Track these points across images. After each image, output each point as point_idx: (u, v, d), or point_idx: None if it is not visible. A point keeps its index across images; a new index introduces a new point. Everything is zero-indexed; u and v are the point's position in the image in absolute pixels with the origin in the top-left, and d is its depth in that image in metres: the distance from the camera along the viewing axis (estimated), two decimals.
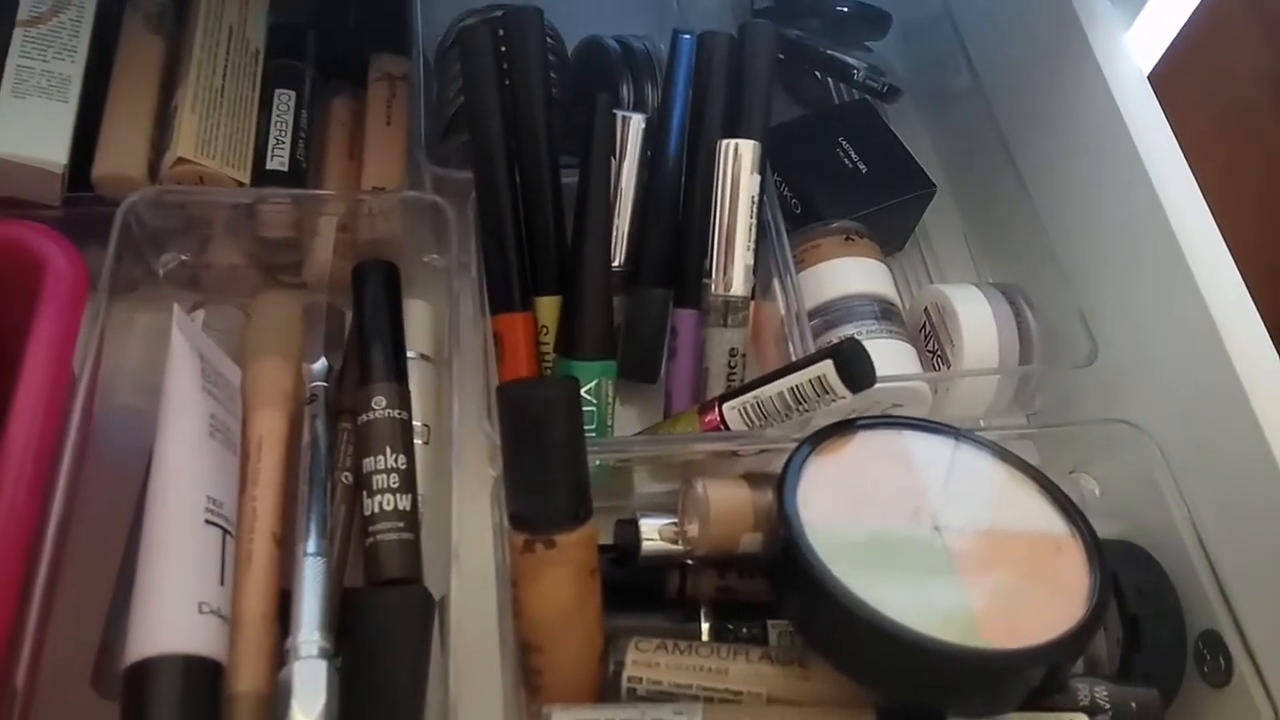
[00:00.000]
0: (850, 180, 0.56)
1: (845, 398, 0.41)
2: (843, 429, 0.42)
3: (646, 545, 0.41)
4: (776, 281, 0.49)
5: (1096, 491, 0.48)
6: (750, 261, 0.47)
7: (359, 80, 0.54)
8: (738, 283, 0.46)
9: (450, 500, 0.41)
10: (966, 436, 0.43)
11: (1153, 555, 0.44)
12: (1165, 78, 0.52)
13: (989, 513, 0.40)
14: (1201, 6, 0.53)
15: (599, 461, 0.45)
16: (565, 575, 0.37)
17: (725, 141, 0.46)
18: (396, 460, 0.41)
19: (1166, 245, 0.45)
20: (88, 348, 0.40)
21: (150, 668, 0.34)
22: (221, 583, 0.37)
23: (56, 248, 0.39)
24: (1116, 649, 0.42)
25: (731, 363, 0.47)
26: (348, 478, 0.42)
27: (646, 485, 0.48)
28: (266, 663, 0.36)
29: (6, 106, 0.46)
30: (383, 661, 0.38)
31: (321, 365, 0.45)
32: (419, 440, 0.44)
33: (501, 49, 0.48)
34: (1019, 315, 0.51)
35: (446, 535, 0.40)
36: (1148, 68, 0.52)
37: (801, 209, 0.56)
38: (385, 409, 0.42)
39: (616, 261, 0.49)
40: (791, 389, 0.42)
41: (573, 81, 0.57)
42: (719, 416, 0.44)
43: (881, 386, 0.43)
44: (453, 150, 0.53)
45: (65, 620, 0.37)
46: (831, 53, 0.61)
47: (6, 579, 0.33)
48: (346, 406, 0.44)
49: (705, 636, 0.41)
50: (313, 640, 0.36)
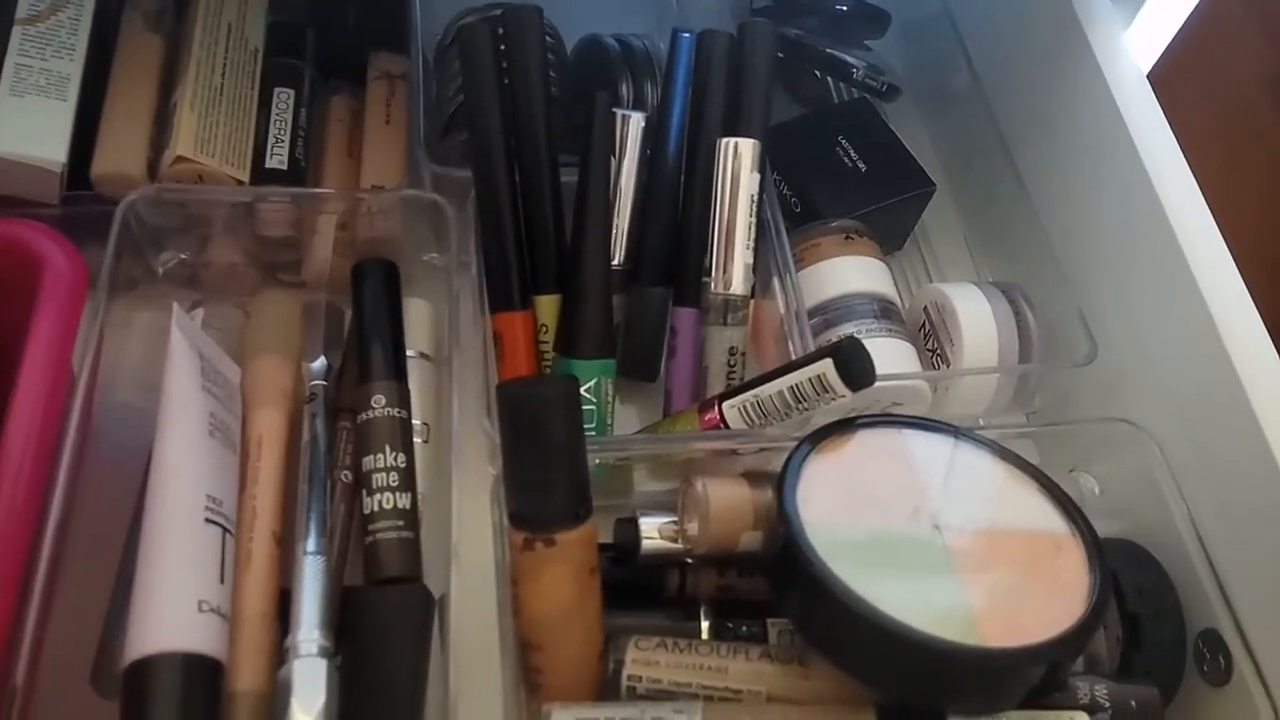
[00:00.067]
0: (850, 179, 0.56)
1: (845, 396, 0.41)
2: (842, 428, 0.42)
3: (646, 544, 0.41)
4: (776, 280, 0.49)
5: (1096, 490, 0.48)
6: (750, 260, 0.47)
7: (358, 79, 0.54)
8: (737, 281, 0.46)
9: (450, 499, 0.41)
10: (966, 435, 0.43)
11: (1152, 554, 0.44)
12: (1164, 77, 0.52)
13: (989, 511, 0.40)
14: (1200, 6, 0.53)
15: (599, 460, 0.45)
16: (565, 574, 0.37)
17: (725, 140, 0.46)
18: (396, 459, 0.41)
19: (1166, 244, 0.45)
20: (87, 346, 0.40)
21: (150, 666, 0.34)
22: (221, 581, 0.37)
23: (55, 246, 0.39)
24: (1116, 647, 0.42)
25: (731, 361, 0.47)
26: (347, 476, 0.42)
27: (646, 484, 0.48)
28: (266, 661, 0.36)
29: (5, 105, 0.46)
30: (382, 660, 0.38)
31: (321, 364, 0.45)
32: (418, 439, 0.44)
33: (501, 47, 0.47)
34: (1018, 314, 0.51)
35: (446, 534, 0.40)
36: (1147, 67, 0.52)
37: (801, 208, 0.56)
38: (385, 407, 0.42)
39: (616, 260, 0.49)
40: (791, 388, 0.42)
41: (572, 80, 0.57)
42: (719, 415, 0.44)
43: (881, 385, 0.43)
44: (452, 149, 0.53)
45: (65, 619, 0.37)
46: (831, 51, 0.60)
47: (6, 577, 0.33)
48: (346, 405, 0.44)
49: (705, 635, 0.41)
50: (312, 639, 0.36)
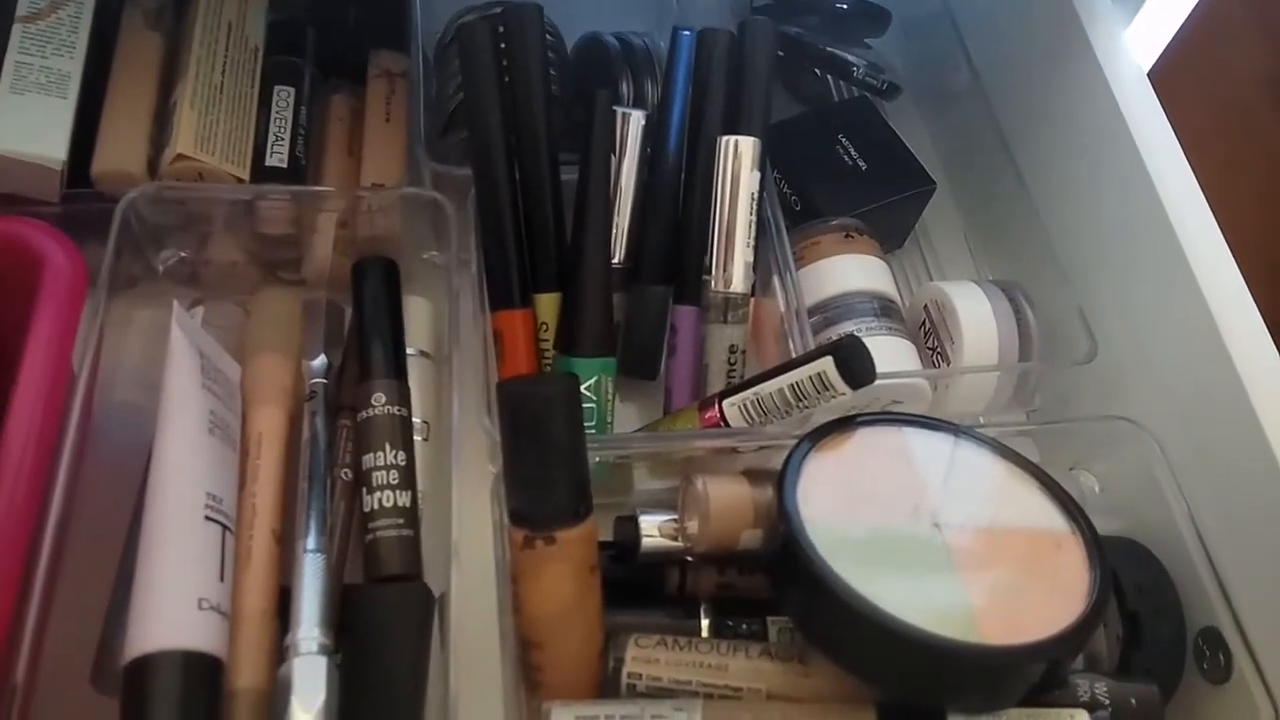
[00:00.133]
0: (850, 177, 0.56)
1: (845, 394, 0.41)
2: (843, 426, 0.42)
3: (646, 542, 0.41)
4: (776, 278, 0.49)
5: (1096, 488, 0.48)
6: (750, 258, 0.47)
7: (358, 77, 0.54)
8: (737, 279, 0.46)
9: (450, 497, 0.41)
10: (966, 433, 0.43)
11: (1152, 552, 0.44)
12: (1164, 76, 0.52)
13: (989, 509, 0.40)
14: (1200, 6, 0.52)
15: (599, 458, 0.45)
16: (565, 572, 0.37)
17: (725, 138, 0.46)
18: (396, 457, 0.41)
19: (1166, 242, 0.45)
20: (87, 344, 0.40)
21: (150, 664, 0.34)
22: (221, 579, 0.37)
23: (56, 244, 0.39)
24: (1116, 645, 0.42)
25: (731, 359, 0.47)
26: (347, 474, 0.42)
27: (646, 482, 0.48)
28: (266, 659, 0.36)
29: (5, 103, 0.46)
30: (382, 658, 0.38)
31: (321, 362, 0.45)
32: (419, 437, 0.44)
33: (501, 46, 0.47)
34: (1018, 312, 0.51)
35: (446, 532, 0.40)
36: (1147, 65, 0.52)
37: (801, 206, 0.56)
38: (385, 406, 0.42)
39: (616, 258, 0.49)
40: (791, 386, 0.42)
41: (572, 78, 0.57)
42: (719, 413, 0.44)
43: (881, 383, 0.43)
44: (452, 147, 0.53)
45: (65, 616, 0.37)
46: (831, 50, 0.60)
47: (6, 575, 0.33)
48: (346, 403, 0.44)
49: (705, 633, 0.41)
50: (312, 636, 0.36)
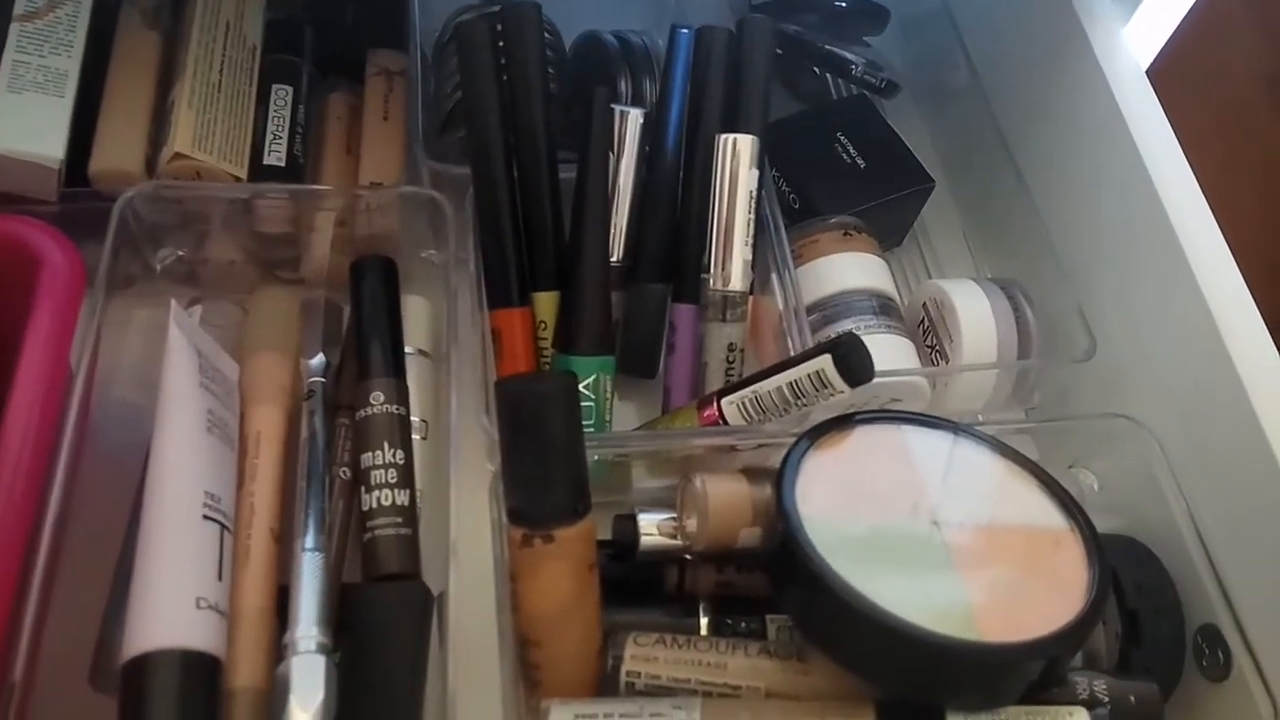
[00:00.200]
0: (848, 175, 0.56)
1: (844, 392, 0.41)
2: (841, 424, 0.42)
3: (645, 540, 0.41)
4: (775, 277, 0.49)
5: (1095, 486, 0.48)
6: (748, 257, 0.47)
7: (356, 76, 0.54)
8: (736, 278, 0.46)
9: (448, 495, 0.41)
10: (965, 431, 0.43)
11: (1152, 550, 0.44)
12: (1163, 75, 0.52)
13: (988, 507, 0.40)
14: (1199, 4, 0.52)
15: (597, 457, 0.45)
16: (564, 570, 0.37)
17: (723, 136, 0.46)
18: (394, 455, 0.41)
19: (1165, 240, 0.45)
20: (85, 343, 0.40)
21: (148, 663, 0.34)
22: (219, 578, 0.36)
23: (53, 243, 0.39)
24: (1115, 643, 0.42)
25: (730, 358, 0.47)
26: (346, 473, 0.42)
27: (645, 480, 0.48)
28: (265, 658, 0.36)
29: (3, 102, 0.46)
30: (381, 657, 0.38)
31: (319, 361, 0.45)
32: (417, 436, 0.44)
33: (499, 44, 0.47)
34: (1018, 310, 0.51)
35: (445, 530, 0.40)
36: (1146, 63, 0.52)
37: (800, 204, 0.55)
38: (383, 404, 0.42)
39: (615, 257, 0.49)
40: (790, 384, 0.42)
41: (571, 77, 0.57)
42: (717, 411, 0.44)
43: (880, 381, 0.43)
44: (450, 145, 0.53)
45: (63, 615, 0.37)
46: (830, 48, 0.60)
47: (4, 574, 0.33)
48: (344, 402, 0.44)
49: (704, 631, 0.41)
50: (311, 635, 0.36)
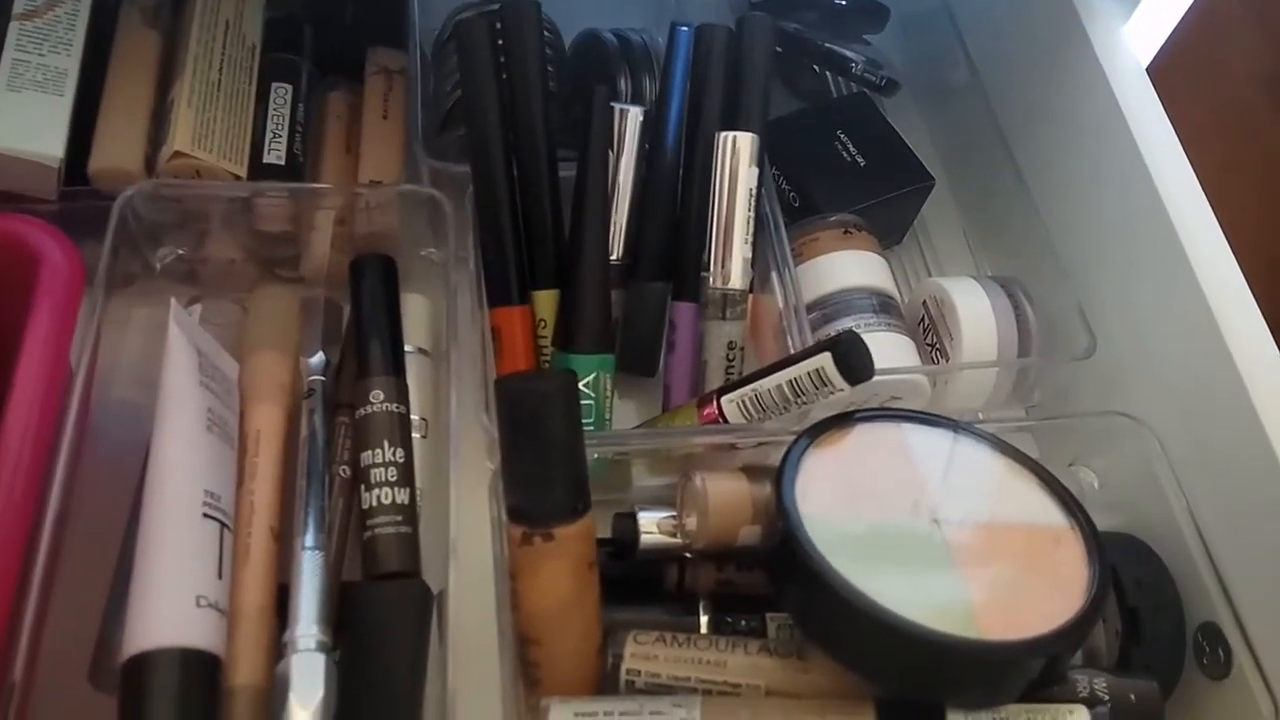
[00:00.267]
0: (848, 173, 0.56)
1: (843, 390, 0.41)
2: (841, 422, 0.42)
3: (645, 538, 0.41)
4: (775, 275, 0.49)
5: (1095, 484, 0.48)
6: (748, 255, 0.47)
7: (356, 74, 0.54)
8: (736, 276, 0.46)
9: (448, 494, 0.41)
10: (965, 429, 0.43)
11: (1152, 548, 0.44)
12: (1162, 73, 0.51)
13: (988, 505, 0.40)
14: (1199, 2, 0.52)
15: (597, 455, 0.45)
16: (563, 568, 0.37)
17: (723, 134, 0.46)
18: (394, 454, 0.41)
19: (1165, 238, 0.45)
20: (84, 342, 0.40)
21: (148, 661, 0.34)
22: (219, 576, 0.36)
23: (53, 242, 0.39)
24: (1116, 641, 0.42)
25: (730, 356, 0.47)
26: (345, 471, 0.42)
27: (645, 478, 0.48)
28: (264, 656, 0.36)
29: (2, 100, 0.46)
30: (381, 655, 0.38)
31: (319, 359, 0.45)
32: (417, 434, 0.44)
33: (499, 42, 0.47)
34: (1018, 308, 0.51)
35: (444, 529, 0.40)
36: (1146, 61, 0.52)
37: (800, 202, 0.55)
38: (383, 403, 0.42)
39: (614, 255, 0.49)
40: (790, 382, 0.42)
41: (570, 75, 0.57)
42: (717, 410, 0.44)
43: (880, 379, 0.43)
44: (450, 144, 0.53)
45: (63, 614, 0.37)
46: (829, 46, 0.60)
47: (4, 573, 0.33)
48: (344, 400, 0.44)
49: (704, 629, 0.41)
50: (311, 634, 0.36)
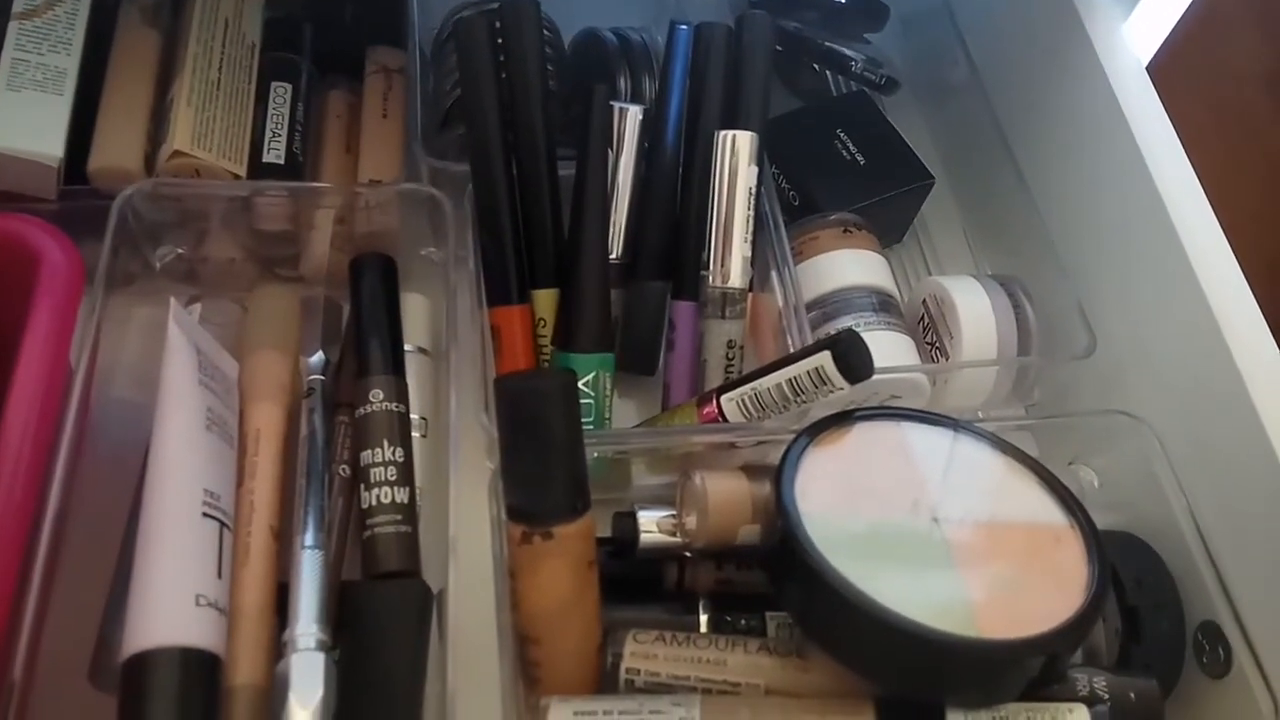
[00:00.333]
0: (848, 172, 0.56)
1: (843, 389, 0.41)
2: (841, 420, 0.42)
3: (645, 537, 0.41)
4: (774, 274, 0.49)
5: (1095, 483, 0.48)
6: (748, 253, 0.47)
7: (355, 73, 0.54)
8: (735, 275, 0.46)
9: (448, 493, 0.41)
10: (965, 428, 0.43)
11: (1152, 546, 0.44)
12: (1162, 71, 0.51)
13: (988, 504, 0.40)
14: (1198, 2, 0.52)
15: (597, 454, 0.45)
16: (563, 567, 0.37)
17: (723, 133, 0.46)
18: (394, 453, 0.41)
19: (1165, 237, 0.45)
20: (84, 341, 0.40)
21: (148, 660, 0.34)
22: (219, 575, 0.36)
23: (52, 241, 0.39)
24: (1115, 640, 0.42)
25: (729, 355, 0.47)
26: (345, 471, 0.42)
27: (644, 477, 0.48)
28: (264, 655, 0.36)
29: (2, 100, 0.45)
30: (380, 654, 0.38)
31: (319, 358, 0.45)
32: (416, 433, 0.44)
33: (498, 41, 0.47)
34: (1017, 307, 0.51)
35: (444, 528, 0.40)
36: (1146, 59, 0.52)
37: (799, 201, 0.55)
38: (383, 402, 0.42)
39: (614, 254, 0.49)
40: (789, 380, 0.42)
41: (570, 74, 0.57)
42: (717, 408, 0.44)
43: (880, 378, 0.43)
44: (450, 143, 0.53)
45: (62, 614, 0.37)
46: (829, 45, 0.60)
47: (3, 572, 0.33)
48: (344, 400, 0.44)
49: (703, 628, 0.41)
50: (310, 633, 0.36)
